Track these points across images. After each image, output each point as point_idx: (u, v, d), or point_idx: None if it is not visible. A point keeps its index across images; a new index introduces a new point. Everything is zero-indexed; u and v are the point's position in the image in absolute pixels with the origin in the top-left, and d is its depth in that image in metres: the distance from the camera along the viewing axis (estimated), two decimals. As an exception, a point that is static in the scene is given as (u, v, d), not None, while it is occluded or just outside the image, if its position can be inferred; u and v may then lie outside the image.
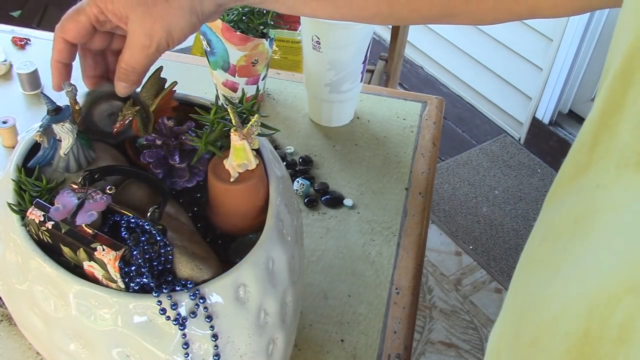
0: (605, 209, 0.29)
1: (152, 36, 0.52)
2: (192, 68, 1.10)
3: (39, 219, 0.48)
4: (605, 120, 0.31)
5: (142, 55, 0.53)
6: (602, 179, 0.30)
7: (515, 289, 0.38)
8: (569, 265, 0.31)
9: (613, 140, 0.30)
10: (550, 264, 0.33)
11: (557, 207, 0.35)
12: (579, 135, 0.34)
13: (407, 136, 0.98)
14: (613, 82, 0.30)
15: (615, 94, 0.30)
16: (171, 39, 0.53)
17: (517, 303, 0.37)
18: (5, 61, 1.05)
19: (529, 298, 0.35)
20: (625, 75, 0.29)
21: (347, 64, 0.91)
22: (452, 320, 1.84)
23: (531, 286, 0.35)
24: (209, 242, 0.55)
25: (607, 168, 0.30)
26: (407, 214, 0.86)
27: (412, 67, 2.77)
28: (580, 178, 0.33)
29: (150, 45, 0.52)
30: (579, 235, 0.31)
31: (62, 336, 0.49)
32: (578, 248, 0.30)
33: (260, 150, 0.57)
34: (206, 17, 0.54)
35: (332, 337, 0.71)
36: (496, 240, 2.06)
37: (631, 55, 0.29)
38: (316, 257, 0.80)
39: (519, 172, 2.31)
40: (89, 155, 0.56)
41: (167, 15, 0.52)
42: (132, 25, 0.52)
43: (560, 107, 2.34)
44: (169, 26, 0.52)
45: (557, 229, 0.34)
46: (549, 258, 0.34)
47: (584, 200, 0.31)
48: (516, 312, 0.37)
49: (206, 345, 0.49)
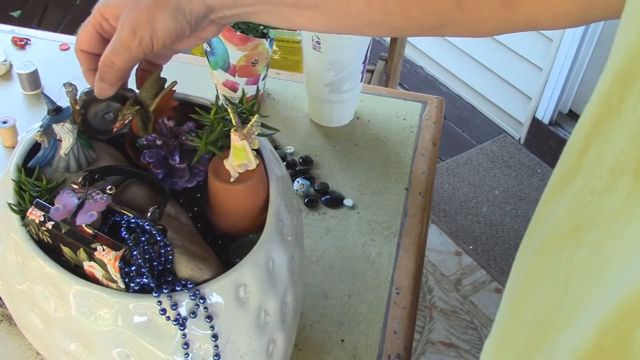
0: (610, 219, 0.28)
1: (136, 30, 0.52)
2: (192, 68, 1.10)
3: (39, 219, 0.48)
4: (599, 125, 0.30)
5: (123, 49, 0.52)
6: (595, 185, 0.29)
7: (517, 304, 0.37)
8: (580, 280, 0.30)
9: (607, 146, 0.29)
10: (556, 277, 0.32)
11: (549, 215, 0.34)
12: (570, 140, 0.33)
13: (407, 136, 0.98)
14: (611, 86, 0.29)
15: (613, 98, 0.29)
16: (155, 35, 0.52)
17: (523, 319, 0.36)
18: (5, 61, 1.05)
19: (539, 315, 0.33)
20: (626, 80, 0.28)
21: (347, 64, 0.91)
22: (452, 320, 1.84)
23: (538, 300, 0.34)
24: (209, 242, 0.55)
25: (599, 173, 0.29)
26: (407, 214, 0.86)
27: (412, 67, 2.77)
28: (571, 184, 0.32)
29: (134, 39, 0.52)
30: (585, 246, 0.30)
31: (62, 336, 0.49)
32: (587, 261, 0.29)
33: (260, 151, 0.57)
34: (196, 19, 0.54)
35: (332, 337, 0.71)
36: (496, 240, 2.06)
37: (633, 59, 0.28)
38: (316, 257, 0.80)
39: (519, 172, 2.31)
40: (89, 155, 0.56)
41: (153, 9, 0.52)
42: (120, 20, 0.52)
43: (560, 107, 2.34)
44: (153, 21, 0.52)
45: (555, 237, 0.33)
46: (552, 270, 0.33)
47: (580, 208, 0.31)
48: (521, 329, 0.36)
49: (206, 346, 0.49)
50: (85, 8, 1.96)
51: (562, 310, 0.31)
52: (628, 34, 0.29)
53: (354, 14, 0.53)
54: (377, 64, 1.78)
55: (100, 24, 0.54)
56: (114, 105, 0.58)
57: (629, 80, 0.28)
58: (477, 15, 0.51)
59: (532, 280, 0.35)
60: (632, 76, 0.28)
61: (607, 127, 0.29)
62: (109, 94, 0.55)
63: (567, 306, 0.30)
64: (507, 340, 0.38)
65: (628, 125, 0.28)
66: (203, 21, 0.55)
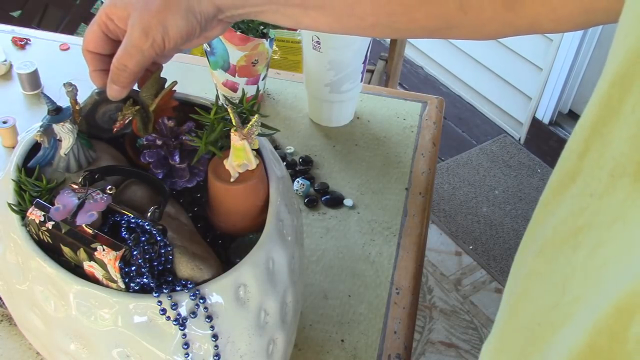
0: (609, 221, 0.28)
1: (148, 31, 0.52)
2: (192, 68, 1.10)
3: (39, 219, 0.48)
4: (598, 128, 0.30)
5: (136, 51, 0.52)
6: (595, 188, 0.29)
7: (515, 306, 0.37)
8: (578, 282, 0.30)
9: (606, 149, 0.29)
10: (555, 279, 0.32)
11: (549, 217, 0.34)
12: (569, 143, 0.33)
13: (407, 136, 0.98)
14: (610, 88, 0.29)
15: (612, 101, 0.29)
16: (167, 36, 0.52)
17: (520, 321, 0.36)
18: (5, 61, 1.05)
19: (537, 317, 0.33)
20: (624, 82, 0.28)
21: (347, 64, 0.91)
22: (452, 320, 1.84)
23: (536, 302, 0.34)
24: (209, 242, 0.55)
25: (599, 176, 0.29)
26: (407, 214, 0.86)
27: (412, 67, 2.77)
28: (571, 187, 0.32)
29: (146, 41, 0.52)
30: (583, 248, 0.30)
31: (62, 336, 0.49)
32: (585, 263, 0.29)
33: (260, 151, 0.57)
34: (205, 18, 0.54)
35: (332, 337, 0.71)
36: (496, 240, 2.06)
37: (631, 61, 0.28)
38: (316, 257, 0.80)
39: (519, 172, 2.31)
40: (89, 155, 0.56)
41: (164, 10, 0.52)
42: (130, 22, 0.52)
43: (560, 107, 2.34)
44: (165, 22, 0.52)
45: (554, 240, 0.33)
46: (550, 272, 0.33)
47: (580, 210, 0.31)
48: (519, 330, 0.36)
49: (206, 346, 0.49)
50: (85, 8, 1.96)
51: (559, 311, 0.31)
52: (626, 37, 0.29)
53: (359, 15, 0.54)
54: (377, 64, 1.78)
55: (106, 24, 0.54)
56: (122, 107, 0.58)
57: (627, 83, 0.28)
58: (479, 18, 0.52)
59: (530, 282, 0.35)
60: (630, 78, 0.28)
61: (607, 129, 0.29)
62: (121, 96, 0.55)
63: (564, 307, 0.30)
64: (505, 342, 0.38)
65: (627, 127, 0.28)
66: (212, 21, 0.55)
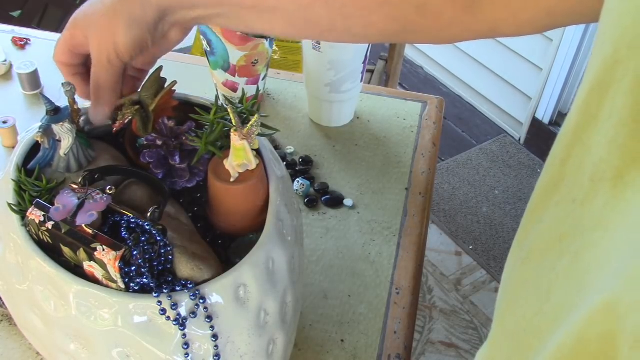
0: (591, 227, 0.28)
1: (100, 50, 0.53)
2: (192, 68, 1.10)
3: (39, 219, 0.48)
4: (578, 134, 0.30)
5: (100, 69, 0.53)
6: (577, 194, 0.30)
7: (503, 313, 0.37)
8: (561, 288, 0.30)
9: (586, 154, 0.29)
10: (540, 286, 0.32)
11: (536, 223, 0.34)
12: (553, 150, 0.33)
13: (407, 136, 0.98)
14: (589, 95, 0.30)
15: (591, 107, 0.29)
16: (119, 52, 0.52)
17: (507, 328, 0.36)
18: (5, 61, 1.05)
19: (522, 324, 0.34)
20: (602, 88, 0.29)
21: (347, 64, 0.91)
22: (452, 320, 1.84)
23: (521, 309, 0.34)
24: (209, 242, 0.55)
25: (581, 182, 0.29)
26: (407, 214, 0.86)
27: (412, 67, 2.77)
28: (555, 193, 0.32)
29: (102, 59, 0.53)
30: (567, 255, 0.30)
31: (62, 336, 0.49)
32: (568, 269, 0.30)
33: (260, 151, 0.57)
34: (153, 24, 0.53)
35: (332, 337, 0.71)
36: (496, 240, 2.06)
37: (608, 68, 0.28)
38: (316, 257, 0.80)
39: (519, 172, 2.31)
40: (89, 155, 0.56)
41: (108, 25, 0.52)
42: (89, 41, 0.53)
43: (560, 107, 2.34)
44: (113, 37, 0.52)
45: (540, 247, 0.33)
46: (536, 279, 0.33)
47: (564, 217, 0.31)
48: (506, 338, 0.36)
49: (206, 346, 0.49)
50: (85, 8, 1.96)
51: (543, 318, 0.31)
52: (603, 44, 0.29)
53: (313, 19, 0.52)
54: (377, 64, 1.78)
55: (71, 43, 0.55)
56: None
57: (604, 89, 0.28)
58: (438, 22, 0.51)
59: (516, 289, 0.36)
60: (606, 84, 0.28)
61: (586, 135, 0.30)
62: (106, 116, 0.56)
63: (548, 314, 0.31)
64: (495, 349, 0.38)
65: (605, 133, 0.28)
66: (162, 24, 0.54)
